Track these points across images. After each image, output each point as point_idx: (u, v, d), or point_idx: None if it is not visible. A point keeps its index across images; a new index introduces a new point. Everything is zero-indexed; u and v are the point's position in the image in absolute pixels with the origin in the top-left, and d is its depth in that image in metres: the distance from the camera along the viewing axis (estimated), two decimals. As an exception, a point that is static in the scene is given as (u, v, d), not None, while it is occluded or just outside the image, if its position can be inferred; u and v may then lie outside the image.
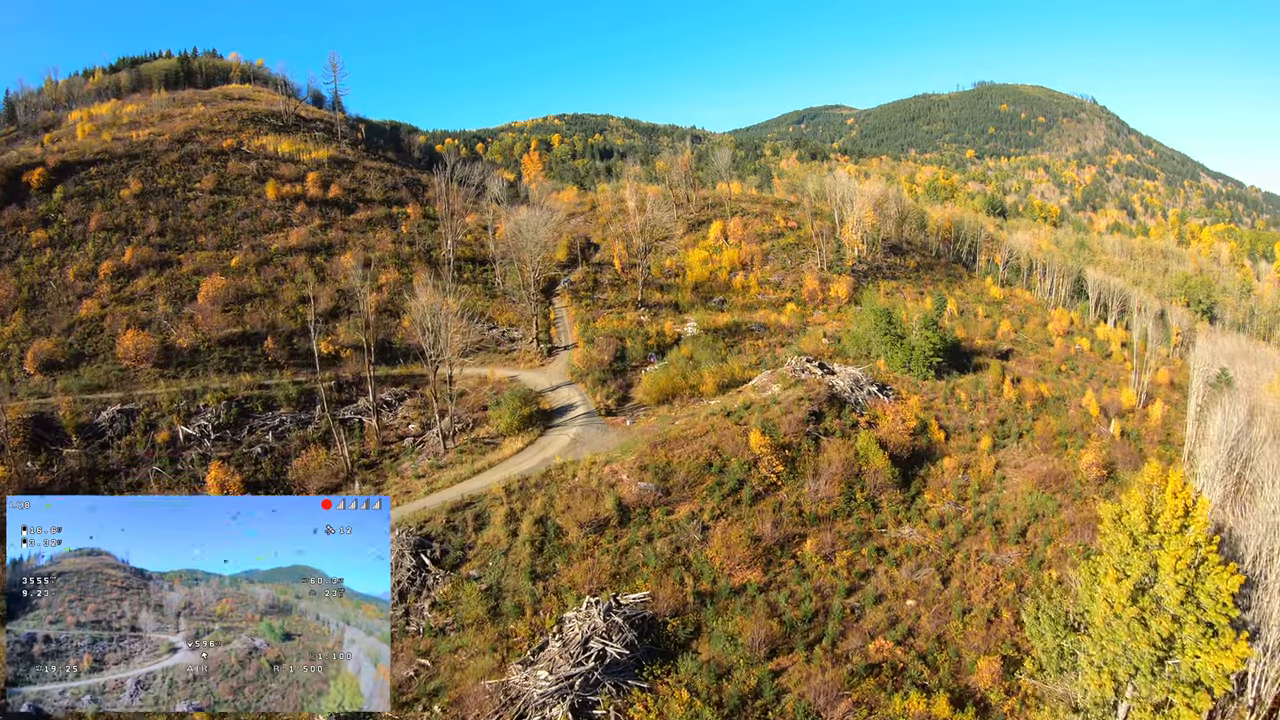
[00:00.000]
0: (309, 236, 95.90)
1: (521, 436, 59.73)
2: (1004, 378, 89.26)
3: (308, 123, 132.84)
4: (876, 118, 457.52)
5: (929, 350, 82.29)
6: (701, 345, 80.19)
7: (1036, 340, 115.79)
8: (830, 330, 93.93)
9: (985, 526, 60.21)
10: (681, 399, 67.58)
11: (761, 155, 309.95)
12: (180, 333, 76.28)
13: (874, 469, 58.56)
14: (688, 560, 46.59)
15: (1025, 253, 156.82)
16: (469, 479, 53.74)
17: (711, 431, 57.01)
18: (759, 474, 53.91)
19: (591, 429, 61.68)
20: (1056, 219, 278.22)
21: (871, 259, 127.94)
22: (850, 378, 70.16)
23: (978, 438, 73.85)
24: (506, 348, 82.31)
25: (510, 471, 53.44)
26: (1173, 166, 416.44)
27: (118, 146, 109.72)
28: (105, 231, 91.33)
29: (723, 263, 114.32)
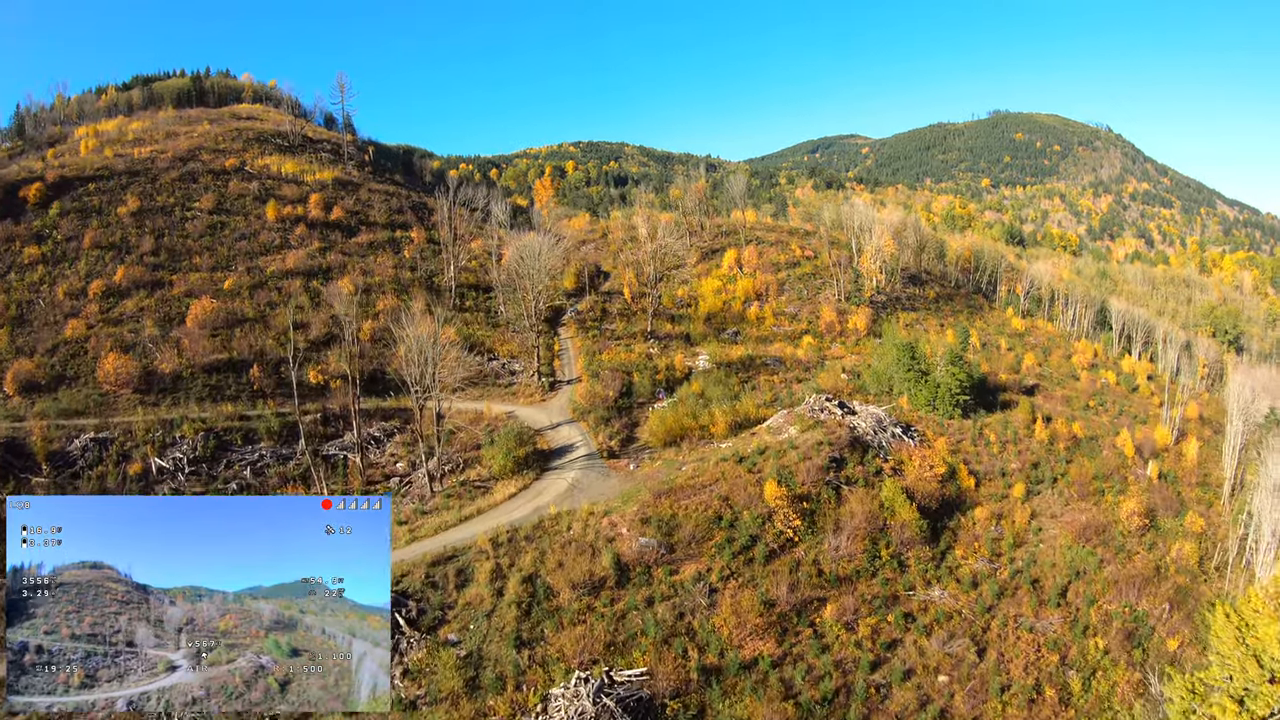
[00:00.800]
0: (307, 259, 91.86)
1: (515, 480, 54.60)
2: (1034, 416, 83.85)
3: (314, 143, 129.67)
4: (892, 147, 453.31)
5: (955, 388, 76.85)
6: (713, 381, 74.94)
7: (1061, 374, 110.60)
8: (849, 365, 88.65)
9: (1023, 586, 54.56)
10: (690, 441, 62.28)
11: (776, 184, 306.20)
12: (164, 358, 72.06)
13: (900, 522, 53.03)
14: (692, 629, 41.10)
15: (1046, 283, 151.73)
16: (455, 527, 48.60)
17: (722, 480, 51.60)
18: (774, 529, 48.32)
19: (591, 473, 56.46)
20: (1076, 248, 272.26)
21: (890, 289, 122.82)
22: (872, 418, 64.74)
23: (1010, 484, 68.21)
24: (506, 381, 77.42)
25: (500, 521, 48.20)
26: (1189, 194, 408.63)
27: (119, 163, 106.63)
28: (99, 249, 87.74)
29: (737, 293, 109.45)
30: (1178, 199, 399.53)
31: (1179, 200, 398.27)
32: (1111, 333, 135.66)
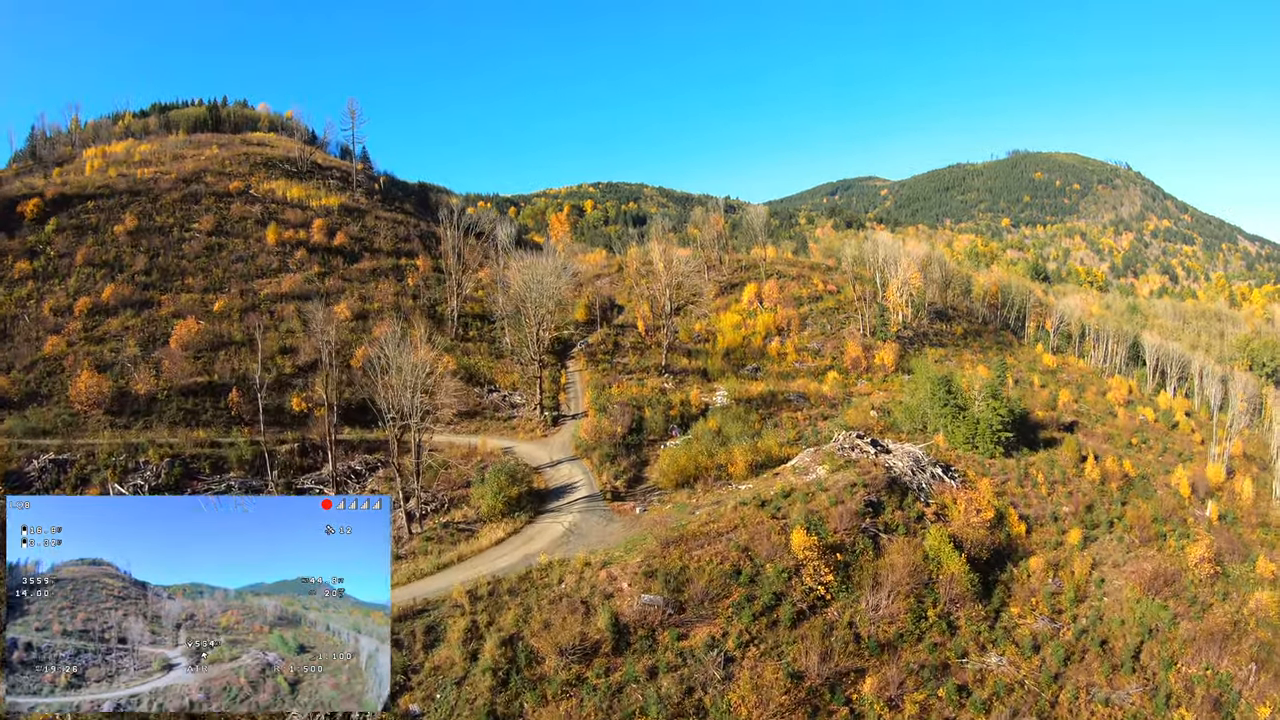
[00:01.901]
0: (304, 284, 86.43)
1: (505, 523, 47.36)
2: (1081, 454, 76.10)
3: (323, 170, 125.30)
4: (910, 188, 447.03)
5: (996, 423, 69.24)
6: (732, 417, 67.57)
7: (1098, 411, 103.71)
8: (878, 402, 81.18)
9: (1091, 649, 46.80)
10: (705, 482, 54.71)
11: (796, 224, 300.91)
12: (140, 378, 67.02)
13: (948, 576, 45.30)
14: (703, 708, 33.44)
15: (1077, 318, 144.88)
16: (430, 576, 41.46)
17: (741, 526, 43.93)
18: (802, 585, 40.57)
19: (592, 517, 49.02)
20: (1103, 283, 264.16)
21: (917, 325, 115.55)
22: (909, 457, 57.19)
23: (1064, 529, 60.36)
24: (506, 414, 70.50)
25: (481, 570, 41.00)
26: (1209, 230, 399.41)
27: (121, 182, 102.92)
28: (91, 267, 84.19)
29: (757, 327, 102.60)
30: (1199, 235, 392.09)
31: (1200, 237, 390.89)
32: (1145, 368, 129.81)
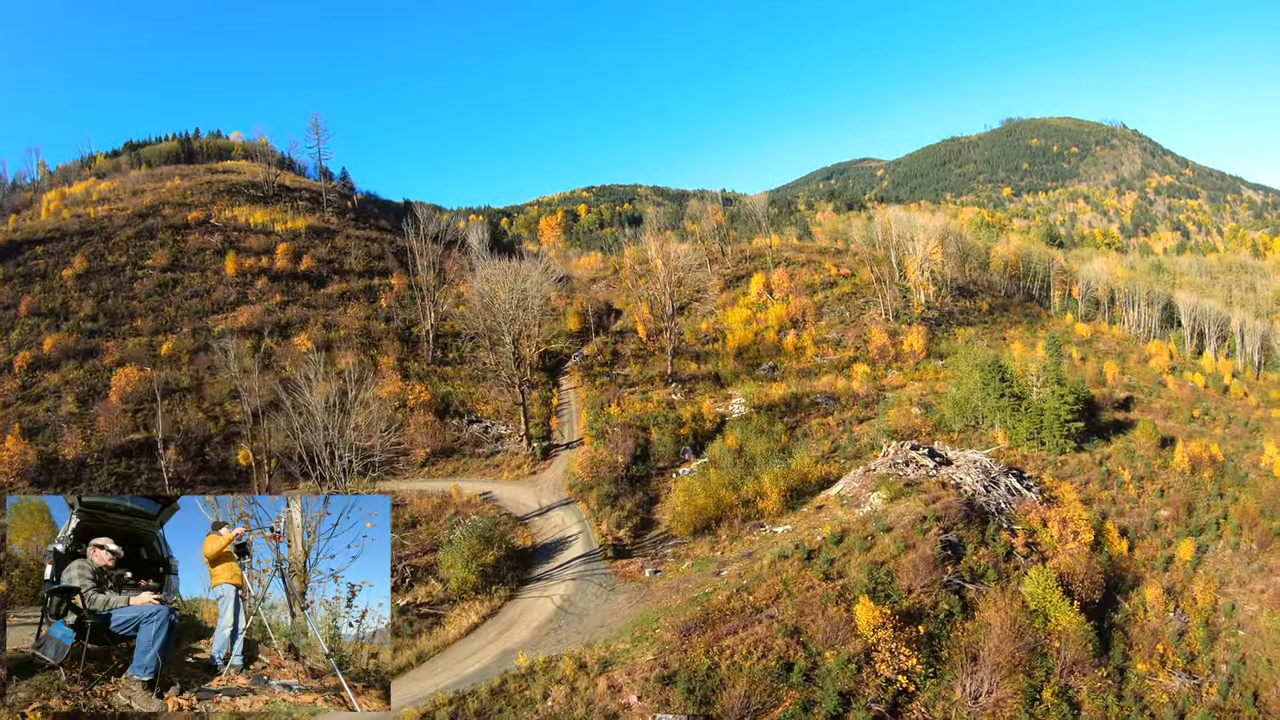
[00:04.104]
0: (263, 315, 75.42)
1: (479, 602, 35.81)
2: (1157, 438, 64.31)
3: (291, 192, 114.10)
4: (906, 166, 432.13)
5: (1065, 413, 57.41)
6: (753, 431, 55.82)
7: (1147, 382, 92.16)
8: (915, 394, 69.46)
9: (1244, 710, 35.19)
10: (730, 524, 42.65)
11: (796, 210, 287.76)
12: (69, 441, 56.72)
13: (1059, 632, 33.72)
14: None
15: (1104, 282, 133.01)
16: (378, 695, 30.39)
17: (784, 595, 32.10)
18: (876, 677, 28.60)
19: (589, 586, 37.21)
20: (1120, 244, 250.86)
21: (941, 304, 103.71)
22: (976, 468, 45.34)
23: (1168, 539, 48.61)
24: (488, 449, 58.86)
25: (443, 679, 29.54)
26: (1212, 183, 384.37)
27: (74, 224, 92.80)
28: (36, 316, 74.35)
29: (769, 321, 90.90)
30: (1202, 189, 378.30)
31: (1204, 190, 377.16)
32: (1181, 330, 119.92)
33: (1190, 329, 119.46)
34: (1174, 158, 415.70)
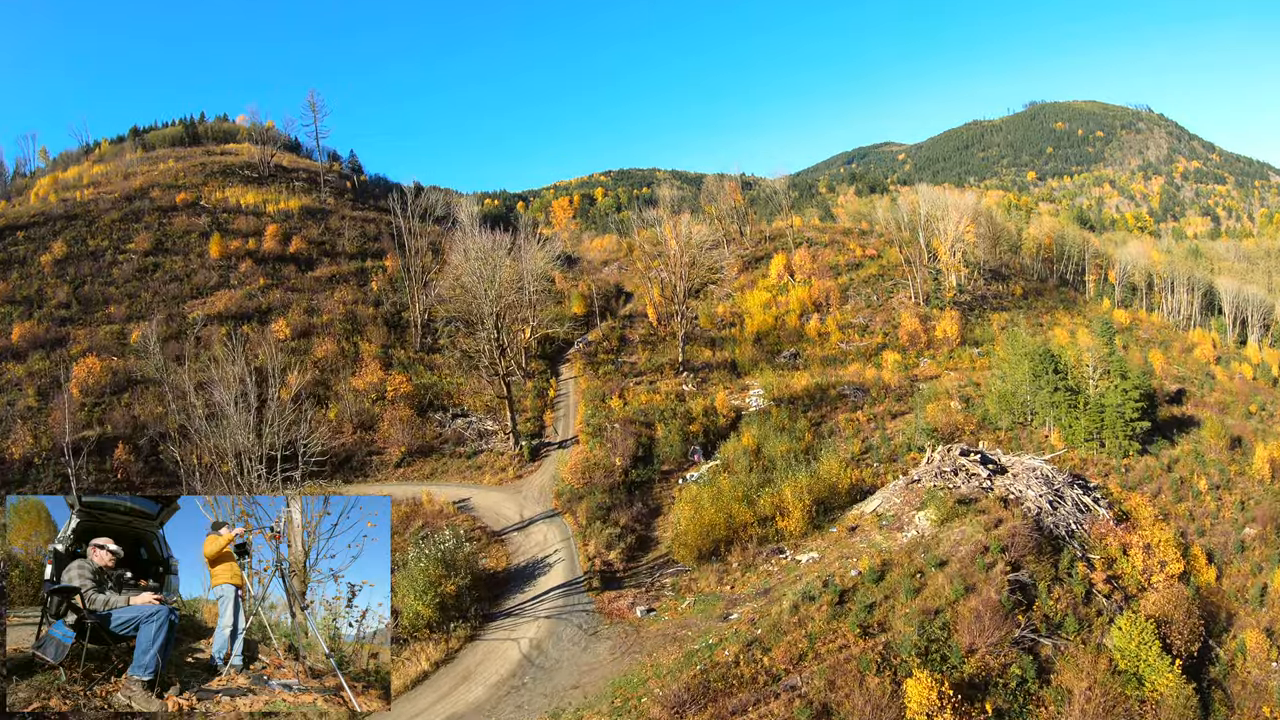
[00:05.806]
0: (243, 300, 68.97)
1: (433, 643, 28.64)
2: (1228, 438, 56.13)
3: (288, 172, 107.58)
4: (928, 150, 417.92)
5: (1130, 411, 49.27)
6: (773, 427, 48.27)
7: (1194, 373, 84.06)
8: (952, 385, 61.43)
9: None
10: (743, 546, 34.68)
11: (817, 193, 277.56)
12: (18, 439, 50.69)
13: (1154, 696, 26.01)
14: None
15: (1141, 267, 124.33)
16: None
17: (810, 657, 24.49)
18: None
19: (566, 629, 29.57)
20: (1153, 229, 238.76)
21: (974, 287, 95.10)
22: (1038, 479, 37.37)
23: (1259, 565, 40.46)
24: (470, 448, 51.69)
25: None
26: (1239, 169, 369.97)
27: (58, 208, 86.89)
28: (10, 305, 68.49)
29: (790, 305, 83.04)
30: (1229, 174, 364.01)
31: (1231, 175, 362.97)
32: (1223, 317, 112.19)
33: (1233, 316, 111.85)
34: (1200, 142, 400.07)
